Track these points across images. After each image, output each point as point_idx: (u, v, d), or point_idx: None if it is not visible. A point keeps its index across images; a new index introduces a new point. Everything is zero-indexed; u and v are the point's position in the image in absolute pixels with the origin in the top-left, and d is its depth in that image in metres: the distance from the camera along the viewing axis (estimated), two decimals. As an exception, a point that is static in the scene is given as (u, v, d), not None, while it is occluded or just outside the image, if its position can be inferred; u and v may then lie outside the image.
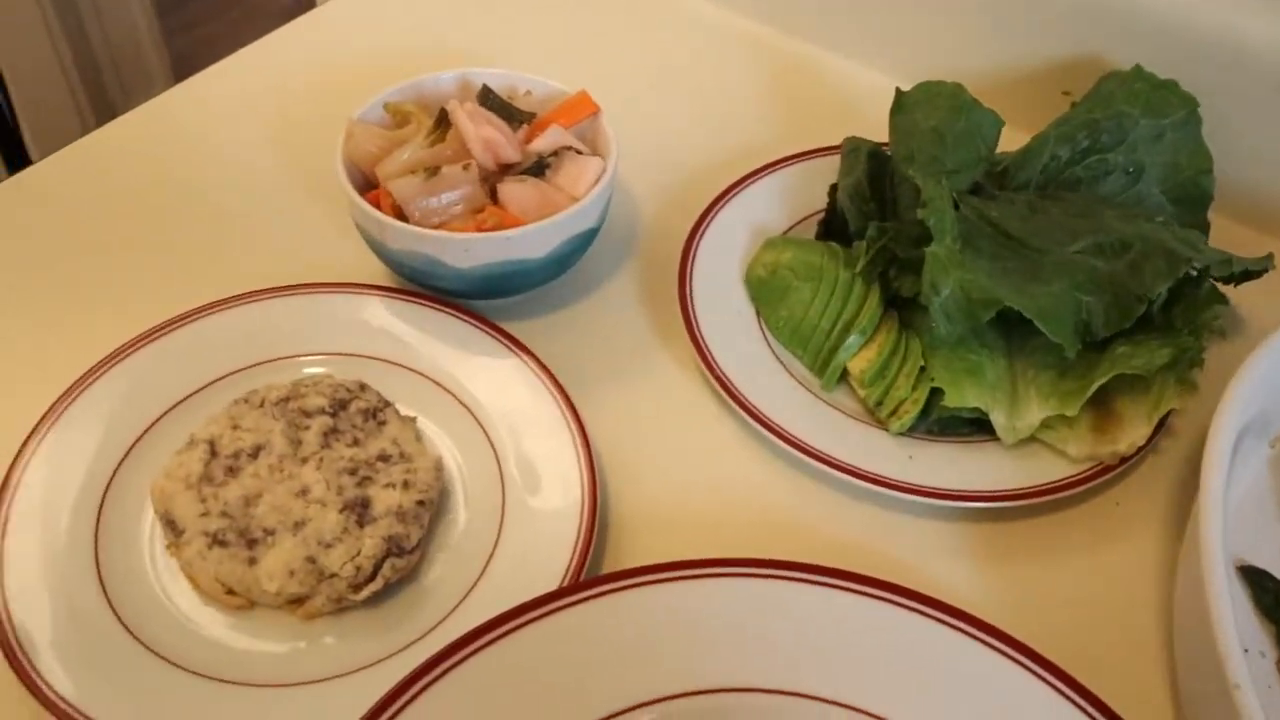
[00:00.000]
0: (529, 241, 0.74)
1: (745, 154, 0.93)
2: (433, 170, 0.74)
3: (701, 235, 0.84)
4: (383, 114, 0.81)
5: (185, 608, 0.64)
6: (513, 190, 0.75)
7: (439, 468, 0.68)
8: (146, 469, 0.68)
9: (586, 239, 0.78)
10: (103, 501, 0.67)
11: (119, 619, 0.62)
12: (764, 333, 0.80)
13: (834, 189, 0.88)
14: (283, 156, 0.93)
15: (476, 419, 0.73)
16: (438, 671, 0.57)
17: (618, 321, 0.82)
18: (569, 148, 0.78)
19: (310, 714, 0.59)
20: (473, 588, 0.65)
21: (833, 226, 0.87)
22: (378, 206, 0.74)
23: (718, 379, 0.75)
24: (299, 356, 0.75)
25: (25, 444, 0.67)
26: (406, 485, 0.66)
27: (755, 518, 0.72)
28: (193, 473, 0.65)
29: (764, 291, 0.81)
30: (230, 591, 0.63)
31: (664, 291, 0.83)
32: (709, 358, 0.76)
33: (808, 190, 0.89)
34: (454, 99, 0.78)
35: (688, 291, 0.80)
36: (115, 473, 0.68)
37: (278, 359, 0.74)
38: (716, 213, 0.86)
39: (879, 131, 0.86)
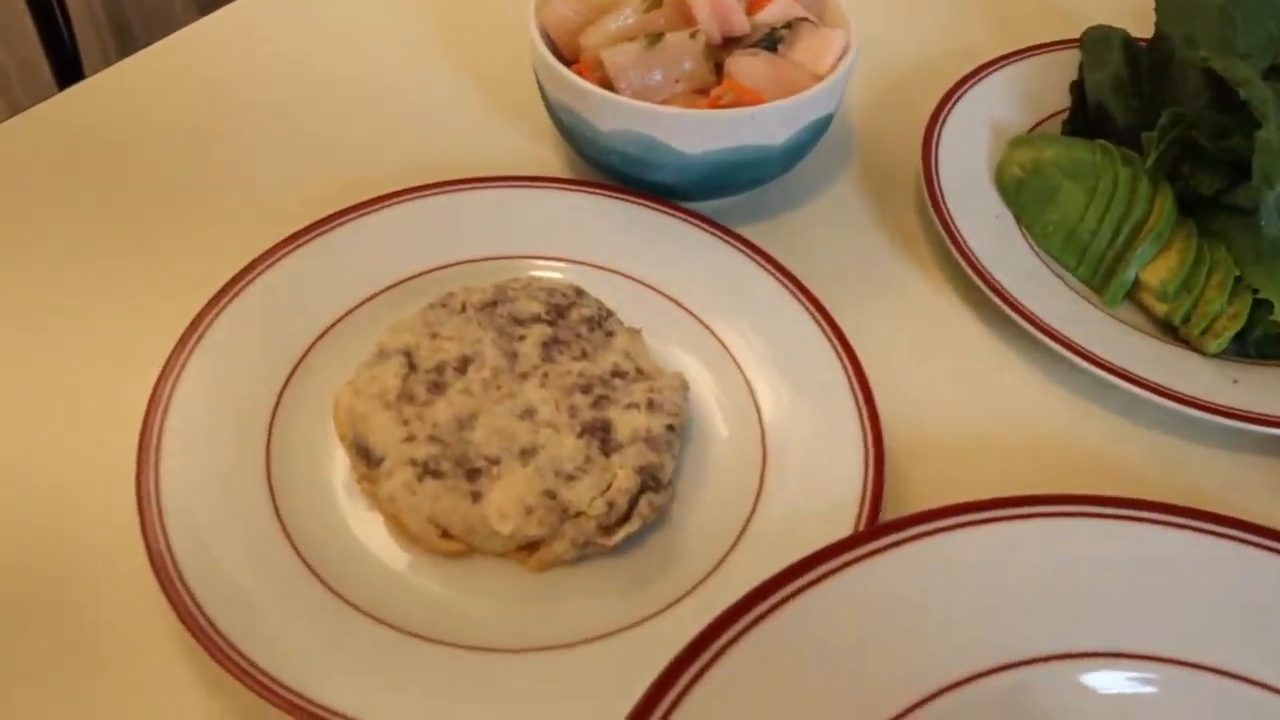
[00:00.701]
0: (771, 123, 0.61)
1: (950, 56, 0.81)
2: (655, 38, 0.61)
3: (938, 137, 0.71)
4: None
5: (382, 553, 0.51)
6: (744, 65, 0.63)
7: (685, 386, 0.55)
8: (322, 386, 0.55)
9: (823, 126, 0.65)
10: (271, 424, 0.54)
11: (306, 564, 0.49)
12: (1028, 241, 0.67)
13: (1077, 85, 0.76)
14: (443, 40, 0.80)
15: (715, 335, 0.60)
16: (725, 639, 0.44)
17: (845, 232, 0.69)
18: (803, 19, 0.65)
19: (547, 686, 0.47)
20: (741, 534, 0.52)
21: (1081, 126, 0.74)
22: (580, 83, 0.61)
23: (993, 289, 0.62)
24: (491, 260, 0.62)
25: (174, 355, 0.54)
26: (652, 406, 0.53)
27: (1042, 447, 0.59)
28: (389, 389, 0.52)
29: (1024, 194, 0.68)
30: (445, 534, 0.50)
31: (894, 199, 0.71)
32: (978, 266, 0.63)
33: (1040, 89, 0.77)
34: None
35: (938, 194, 0.67)
36: (284, 390, 0.55)
37: (466, 261, 0.61)
38: (948, 113, 0.73)
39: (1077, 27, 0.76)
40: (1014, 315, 0.61)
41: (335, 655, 0.46)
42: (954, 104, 0.74)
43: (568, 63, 0.64)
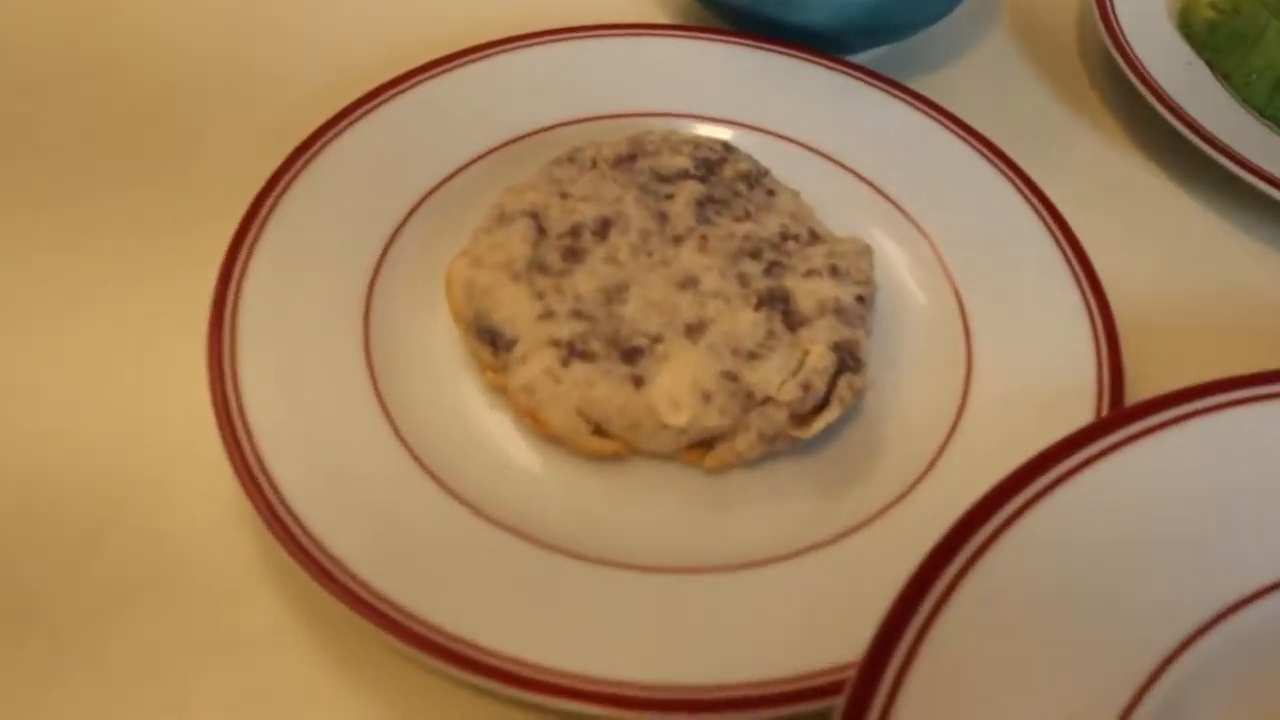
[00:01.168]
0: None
1: None
2: None
3: (1108, -23, 0.60)
4: None
5: (519, 457, 0.41)
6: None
7: (869, 251, 0.45)
8: (428, 260, 0.45)
9: (991, -42, 0.54)
10: (368, 309, 0.43)
11: (427, 471, 0.39)
12: (1228, 91, 0.57)
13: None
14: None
15: (890, 199, 0.50)
16: (969, 548, 0.35)
17: (1006, 89, 0.59)
18: None
19: (733, 615, 0.37)
20: (954, 427, 0.42)
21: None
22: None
23: (1204, 138, 0.52)
24: (615, 117, 0.51)
25: (249, 218, 0.44)
26: (835, 273, 0.43)
27: (1266, 325, 0.50)
28: (517, 257, 0.42)
29: (1220, 38, 0.58)
30: (598, 431, 0.40)
31: (1055, 48, 0.61)
32: (1180, 112, 0.53)
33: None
34: None
35: (1120, 34, 0.57)
36: (379, 265, 0.45)
37: (586, 119, 0.51)
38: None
39: None
40: (1233, 166, 0.51)
41: (470, 576, 0.36)
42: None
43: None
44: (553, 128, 0.50)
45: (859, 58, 0.58)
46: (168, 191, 0.49)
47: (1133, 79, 0.55)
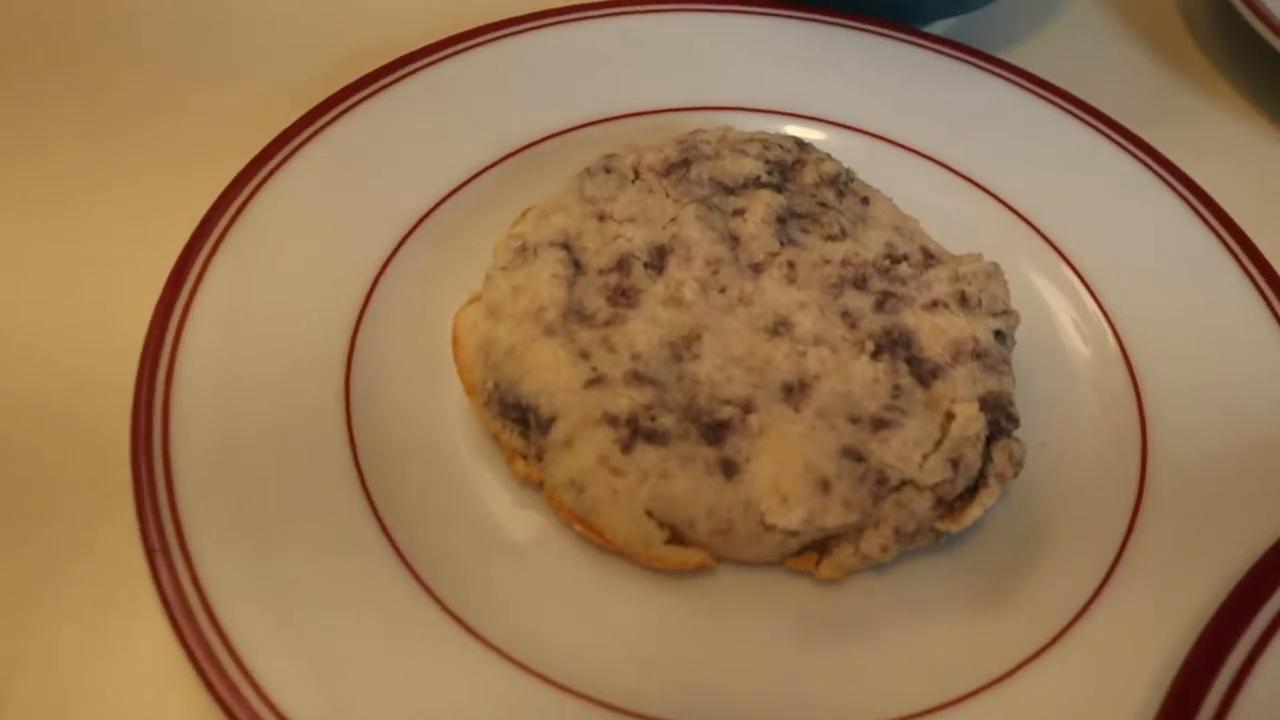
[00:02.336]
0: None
1: None
2: None
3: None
4: None
5: (563, 577, 0.30)
6: None
7: (999, 272, 0.34)
8: (427, 303, 0.34)
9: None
10: (349, 371, 0.32)
11: (434, 599, 0.28)
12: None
13: None
14: None
15: (1006, 203, 0.39)
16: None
17: (1094, 56, 0.49)
18: None
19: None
20: (1137, 504, 0.32)
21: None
22: None
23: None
24: (656, 113, 0.41)
25: (182, 268, 0.33)
26: (965, 303, 0.33)
27: None
28: (548, 303, 0.31)
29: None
30: (675, 537, 0.29)
31: (1154, 6, 0.51)
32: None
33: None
34: None
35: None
36: (365, 308, 0.34)
37: (622, 116, 0.40)
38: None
39: None
40: None
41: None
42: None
43: None
44: (576, 129, 0.40)
45: (933, 29, 0.47)
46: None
47: (1259, 27, 0.45)
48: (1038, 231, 0.38)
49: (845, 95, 0.41)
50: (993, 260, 0.35)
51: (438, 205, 0.37)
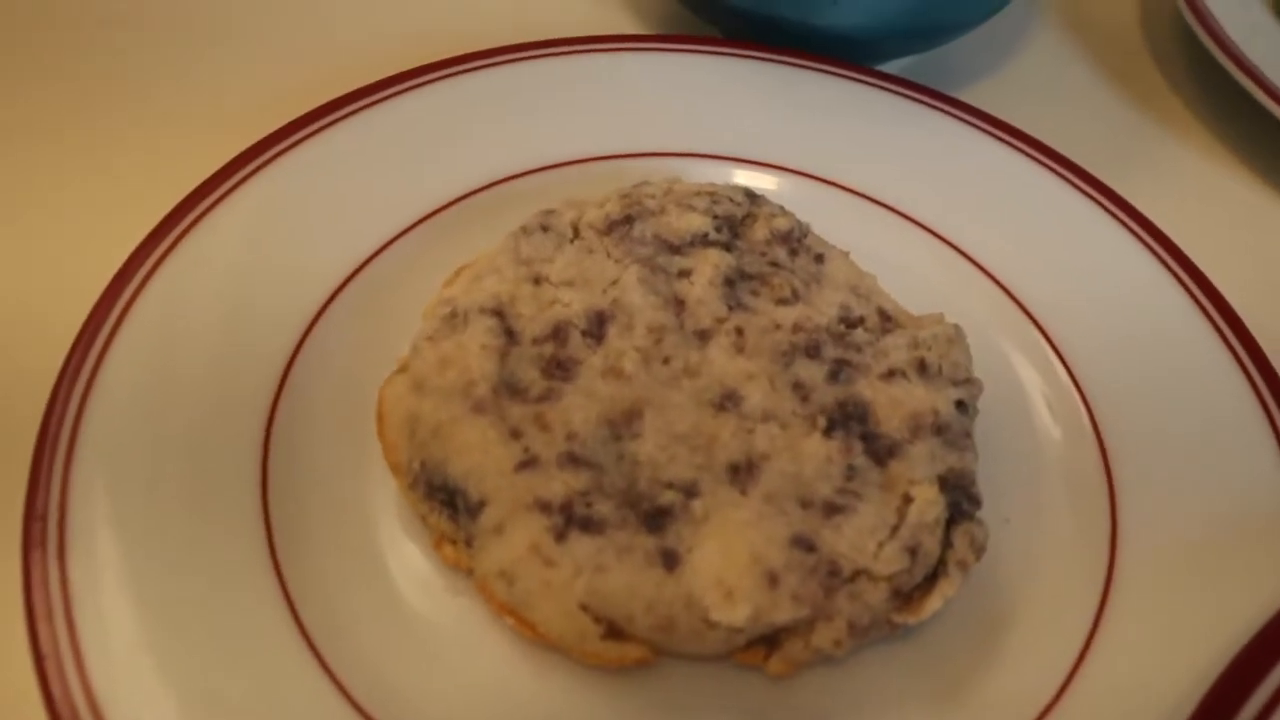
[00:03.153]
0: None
1: None
2: None
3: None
4: None
5: (491, 668, 0.28)
6: None
7: (961, 336, 0.32)
8: (352, 373, 0.32)
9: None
10: (267, 441, 0.30)
11: (353, 705, 0.26)
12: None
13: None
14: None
15: (965, 254, 0.37)
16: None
17: (1060, 93, 0.48)
18: None
19: None
20: (1106, 591, 0.30)
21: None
22: None
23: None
24: (595, 160, 0.38)
25: (104, 303, 0.31)
26: (924, 371, 0.31)
27: None
28: (479, 377, 0.29)
29: (1333, 26, 0.46)
30: (611, 631, 0.27)
31: (1121, 41, 0.50)
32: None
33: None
34: None
35: (1208, 16, 0.45)
36: (286, 378, 0.32)
37: (558, 165, 0.38)
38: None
39: None
40: None
41: None
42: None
43: None
44: (517, 177, 0.37)
45: (889, 68, 0.46)
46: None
47: (1234, 72, 0.43)
48: (1003, 289, 0.36)
49: (800, 140, 0.39)
50: (954, 322, 0.33)
51: (369, 260, 0.34)
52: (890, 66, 0.46)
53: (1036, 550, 0.31)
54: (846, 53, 0.42)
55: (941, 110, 0.40)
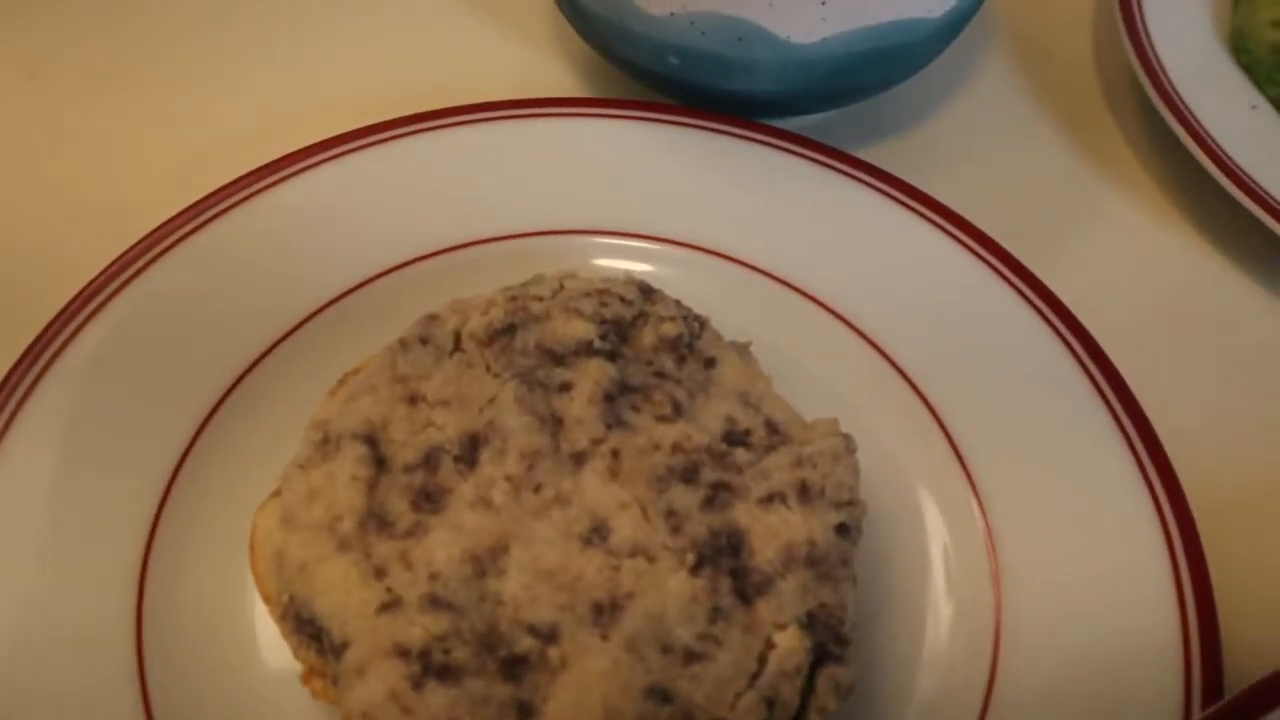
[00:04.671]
0: (932, -20, 0.37)
1: None
2: None
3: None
4: None
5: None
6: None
7: (851, 449, 0.32)
8: (229, 495, 0.32)
9: (991, -14, 0.41)
10: (144, 574, 0.30)
11: None
12: (1302, 143, 0.44)
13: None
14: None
15: (867, 337, 0.36)
16: None
17: (1005, 140, 0.46)
18: None
19: None
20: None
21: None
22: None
23: (1271, 211, 0.39)
24: (487, 242, 0.38)
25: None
26: (805, 493, 0.30)
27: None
28: (345, 511, 0.29)
29: (1290, 70, 0.44)
30: (470, 776, 0.27)
31: (1073, 92, 0.48)
32: (1249, 184, 0.40)
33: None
34: None
35: (1161, 75, 0.43)
36: (164, 504, 0.31)
37: (445, 250, 0.37)
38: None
39: None
40: None
41: None
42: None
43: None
44: (409, 264, 0.37)
45: (814, 118, 0.44)
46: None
47: (1183, 135, 0.42)
48: (913, 386, 0.35)
49: (707, 215, 0.39)
50: (844, 433, 0.32)
51: (240, 379, 0.34)
52: (807, 119, 0.45)
53: (920, 671, 0.31)
54: (767, 109, 0.41)
55: (863, 182, 0.39)
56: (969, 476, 0.34)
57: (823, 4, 0.36)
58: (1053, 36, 0.50)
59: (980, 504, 0.33)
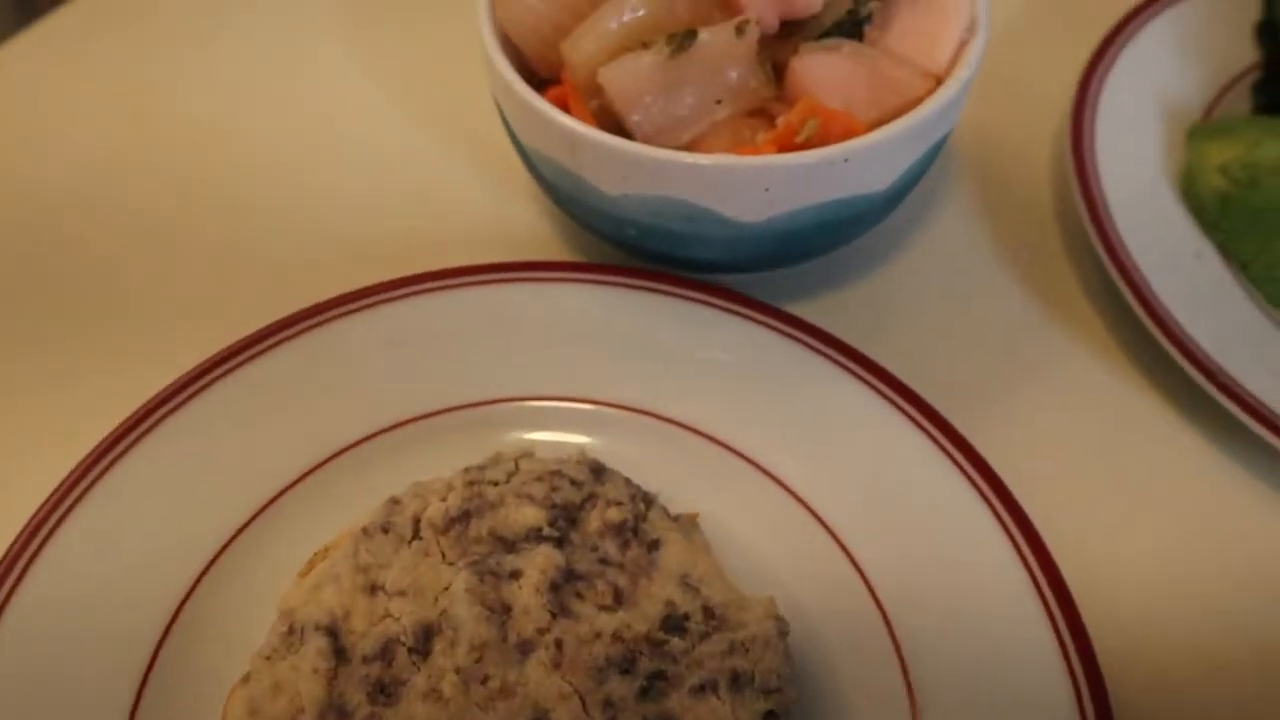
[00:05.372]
0: (874, 164, 0.39)
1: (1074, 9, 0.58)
2: (680, 39, 0.38)
3: (1091, 132, 0.48)
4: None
5: None
6: (820, 67, 0.40)
7: (783, 631, 0.34)
8: (205, 681, 0.34)
9: (939, 149, 0.42)
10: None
11: None
12: (1242, 286, 0.45)
13: (1266, 29, 0.53)
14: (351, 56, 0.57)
15: (806, 505, 0.38)
16: None
17: (962, 294, 0.48)
18: (900, -18, 0.42)
19: None
20: None
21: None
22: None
23: (1202, 369, 0.41)
24: (444, 413, 0.40)
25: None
26: (738, 683, 0.32)
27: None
28: (308, 702, 0.32)
29: (1235, 216, 0.46)
30: None
31: (1027, 233, 0.50)
32: (1176, 335, 0.42)
33: (1207, 39, 0.54)
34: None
35: (1108, 226, 0.45)
36: (143, 687, 0.34)
37: (403, 423, 0.40)
38: (1096, 92, 0.50)
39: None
40: (1236, 408, 0.40)
41: None
42: (1102, 77, 0.51)
43: (546, 84, 0.42)
44: (350, 448, 0.39)
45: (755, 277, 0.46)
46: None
47: (1123, 288, 0.43)
48: (853, 563, 0.37)
49: (662, 381, 0.41)
50: (777, 617, 0.34)
51: (225, 546, 0.37)
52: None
53: None
54: (728, 270, 0.43)
55: (812, 348, 0.41)
56: (900, 658, 0.35)
57: (767, 190, 0.38)
58: (1007, 178, 0.51)
59: (910, 689, 0.35)
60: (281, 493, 0.38)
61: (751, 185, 0.38)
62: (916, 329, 0.46)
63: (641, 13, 0.40)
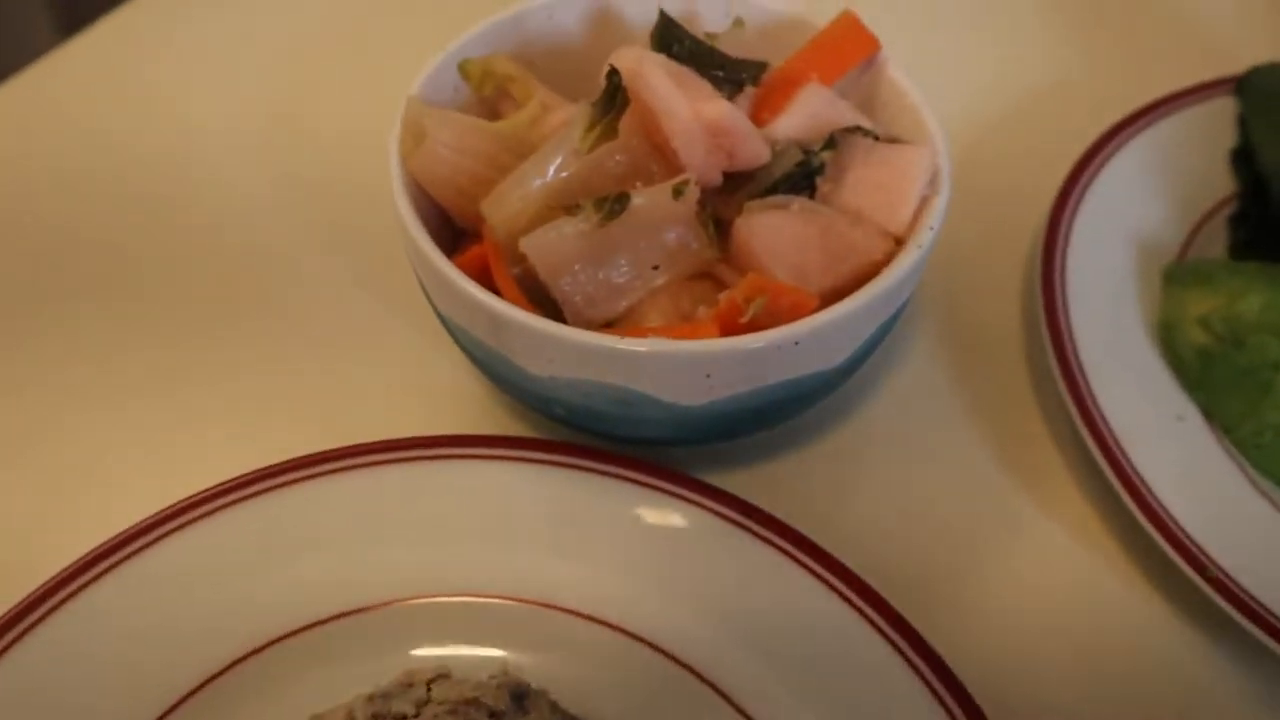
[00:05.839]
0: (826, 343, 0.35)
1: (1040, 131, 0.55)
2: (611, 203, 0.34)
3: (1060, 275, 0.45)
4: (457, 86, 0.41)
5: None
6: (767, 229, 0.37)
7: None
8: None
9: (897, 317, 0.39)
10: None
11: None
12: (1227, 451, 0.42)
13: (1240, 155, 0.51)
14: (262, 179, 0.53)
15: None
16: None
17: (925, 455, 0.44)
18: (856, 129, 0.39)
19: None
20: None
21: (1259, 220, 0.49)
22: (486, 283, 0.35)
23: (1183, 553, 0.37)
24: (348, 615, 0.35)
25: None
26: None
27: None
28: None
29: (1217, 376, 0.43)
30: None
31: (996, 384, 0.46)
32: (1158, 512, 0.38)
33: (1183, 167, 0.51)
34: (626, 51, 0.38)
35: (1084, 388, 0.41)
36: None
37: (299, 630, 0.35)
38: (1067, 228, 0.47)
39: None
40: (1263, 636, 0.36)
41: None
42: (1072, 211, 0.48)
43: (465, 236, 0.38)
44: (240, 661, 0.34)
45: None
46: None
47: (1099, 459, 0.40)
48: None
49: (597, 580, 0.36)
50: None
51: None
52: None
53: None
54: (669, 445, 0.39)
55: (763, 538, 0.36)
56: None
57: (708, 376, 0.34)
58: (972, 323, 0.48)
59: None
60: (170, 710, 0.33)
61: (691, 371, 0.34)
62: (879, 487, 0.42)
63: (566, 173, 0.36)
